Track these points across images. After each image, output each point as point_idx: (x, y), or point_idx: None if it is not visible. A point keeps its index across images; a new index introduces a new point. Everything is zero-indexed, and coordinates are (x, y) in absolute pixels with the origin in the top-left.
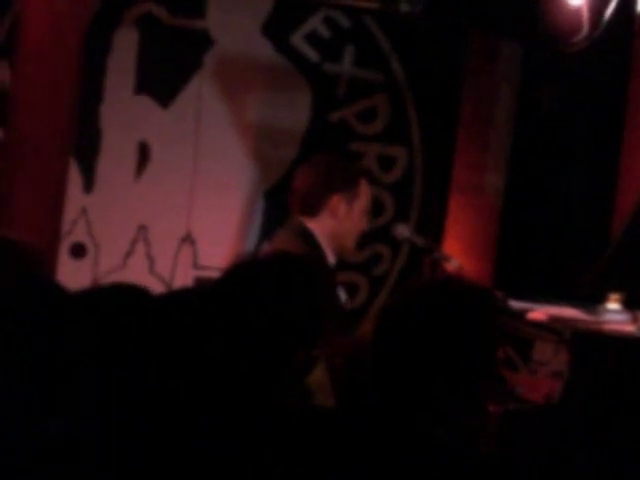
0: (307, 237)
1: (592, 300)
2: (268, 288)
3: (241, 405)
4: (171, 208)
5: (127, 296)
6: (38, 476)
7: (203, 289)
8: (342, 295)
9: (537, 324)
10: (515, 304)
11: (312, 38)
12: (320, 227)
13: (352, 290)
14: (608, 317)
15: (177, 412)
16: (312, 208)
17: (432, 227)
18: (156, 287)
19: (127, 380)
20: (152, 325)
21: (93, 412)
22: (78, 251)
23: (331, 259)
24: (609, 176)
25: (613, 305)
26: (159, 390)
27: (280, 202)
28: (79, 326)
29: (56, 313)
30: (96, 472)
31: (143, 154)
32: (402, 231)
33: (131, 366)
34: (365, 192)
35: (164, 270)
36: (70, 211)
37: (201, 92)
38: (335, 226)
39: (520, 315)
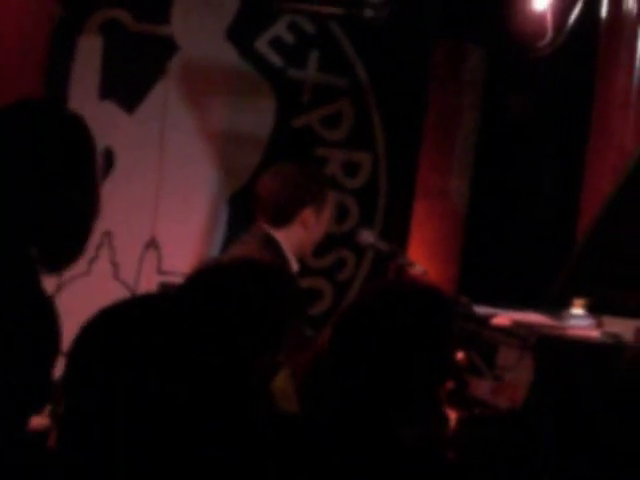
0: (271, 244)
1: (556, 305)
2: (232, 294)
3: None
4: (135, 213)
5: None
6: None
7: (167, 294)
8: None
9: (502, 329)
10: (480, 309)
11: (277, 43)
12: (287, 236)
13: (316, 295)
14: (572, 322)
15: (179, 417)
16: (282, 219)
17: (397, 232)
18: (120, 293)
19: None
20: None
21: (98, 421)
22: None
23: (294, 266)
24: (574, 181)
25: (577, 310)
26: (159, 395)
27: (244, 207)
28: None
29: None
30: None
31: (108, 160)
32: (366, 237)
33: (132, 372)
34: (331, 202)
35: (128, 276)
36: None
37: (166, 98)
38: (303, 236)
39: (485, 320)
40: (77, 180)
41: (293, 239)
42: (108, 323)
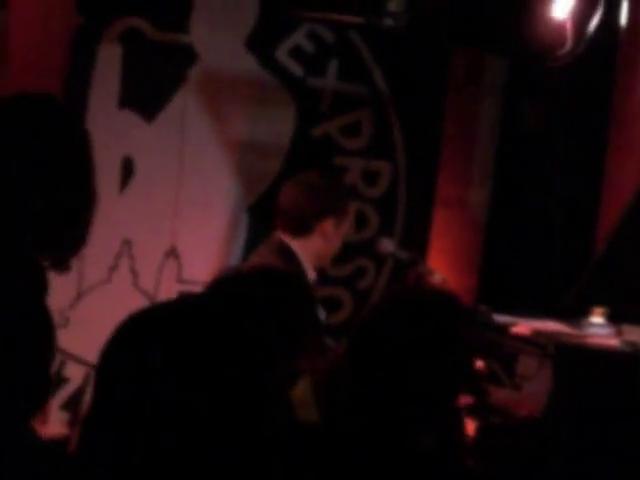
0: (287, 254)
1: (576, 314)
2: (251, 303)
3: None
4: (155, 222)
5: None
6: None
7: (187, 302)
8: (321, 312)
9: (521, 338)
10: (499, 318)
11: (296, 52)
12: (306, 246)
13: (336, 305)
14: (592, 331)
15: (198, 424)
16: (302, 229)
17: (416, 241)
18: (140, 302)
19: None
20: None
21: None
22: None
23: (311, 275)
24: (593, 190)
25: (597, 319)
26: (180, 402)
27: (264, 216)
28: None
29: None
30: None
31: (127, 168)
32: (386, 245)
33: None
34: (351, 213)
35: (148, 284)
36: None
37: (185, 106)
38: (322, 246)
39: (504, 329)
40: (73, 173)
41: (312, 249)
42: (133, 332)
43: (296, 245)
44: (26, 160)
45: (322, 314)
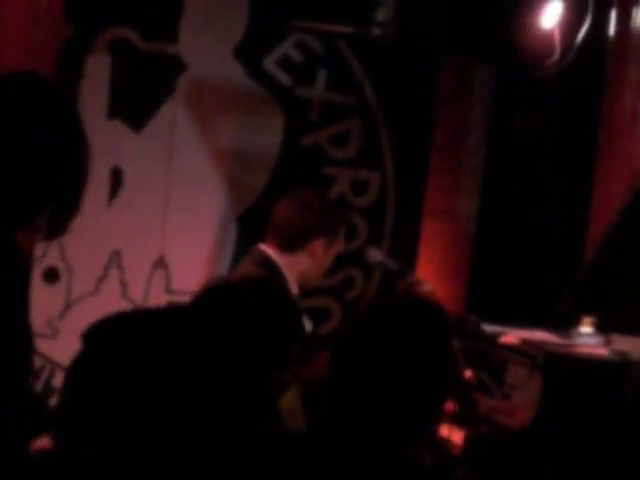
0: (271, 267)
1: (565, 323)
2: (239, 313)
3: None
4: (144, 233)
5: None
6: None
7: (175, 311)
8: (307, 323)
9: (510, 348)
10: (488, 328)
11: (284, 62)
12: (293, 264)
13: (324, 315)
14: (581, 340)
15: (186, 433)
16: (291, 246)
17: (405, 251)
18: None
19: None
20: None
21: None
22: (51, 276)
23: (294, 289)
24: (582, 199)
25: (586, 328)
26: (166, 412)
27: (253, 226)
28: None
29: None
30: None
31: (116, 179)
32: (374, 255)
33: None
34: (342, 236)
35: (137, 295)
36: None
37: (174, 116)
38: (309, 266)
39: (493, 339)
40: (65, 145)
41: (298, 267)
42: (113, 336)
43: (282, 261)
44: (17, 137)
45: (308, 324)
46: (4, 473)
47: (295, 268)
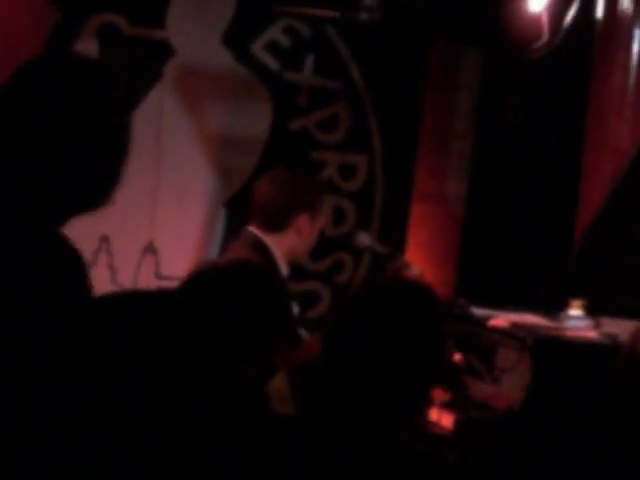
0: (261, 249)
1: (554, 307)
2: (228, 297)
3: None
4: (133, 218)
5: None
6: None
7: (163, 295)
8: (295, 307)
9: (500, 331)
10: (477, 311)
11: (272, 47)
12: (280, 242)
13: (314, 299)
14: (570, 323)
15: (171, 417)
16: (276, 224)
17: (394, 235)
18: None
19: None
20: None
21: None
22: None
23: (284, 271)
24: (571, 183)
25: (575, 311)
26: (152, 393)
27: (242, 211)
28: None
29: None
30: None
31: None
32: (363, 239)
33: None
34: (326, 208)
35: (126, 280)
36: None
37: (162, 102)
38: (297, 243)
39: (482, 322)
40: (106, 123)
41: (286, 245)
42: (99, 319)
43: (270, 240)
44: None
45: (296, 308)
46: None
47: (283, 247)
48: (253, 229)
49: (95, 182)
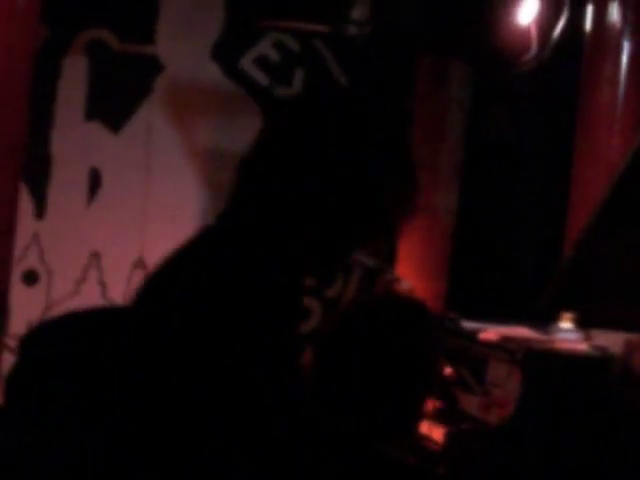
0: None
1: (544, 319)
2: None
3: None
4: (123, 234)
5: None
6: None
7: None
8: None
9: (490, 344)
10: (468, 324)
11: (262, 62)
12: None
13: (304, 313)
14: (560, 336)
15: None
16: None
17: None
18: None
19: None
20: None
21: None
22: (30, 278)
23: None
24: (561, 195)
25: (565, 324)
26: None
27: None
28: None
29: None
30: None
31: (95, 180)
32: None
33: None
34: None
35: (117, 295)
36: (22, 237)
37: (151, 117)
38: None
39: (473, 335)
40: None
41: None
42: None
43: None
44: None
45: None
46: None
47: None
48: None
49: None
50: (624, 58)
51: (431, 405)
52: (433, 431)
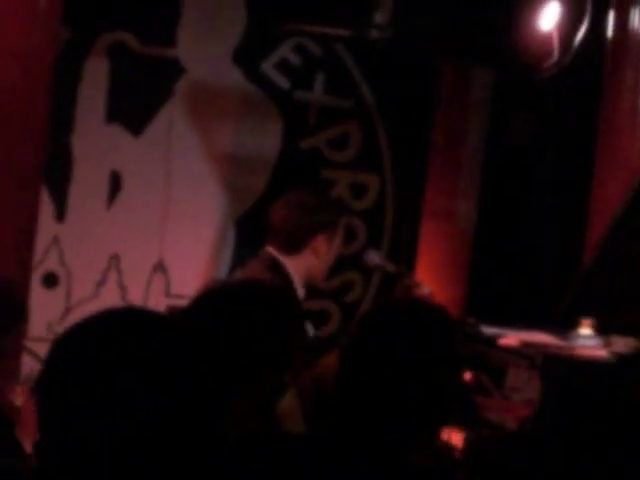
0: (279, 270)
1: (564, 325)
2: (236, 315)
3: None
4: (143, 237)
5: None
6: None
7: (173, 316)
8: (309, 328)
9: (509, 350)
10: (487, 330)
11: (283, 66)
12: (297, 264)
13: (324, 318)
14: (580, 342)
15: (177, 436)
16: (294, 246)
17: (404, 254)
18: None
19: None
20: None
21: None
22: (50, 280)
23: (300, 292)
24: (581, 201)
25: (585, 330)
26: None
27: (252, 229)
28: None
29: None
30: None
31: (115, 183)
32: (373, 257)
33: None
34: (342, 228)
35: (136, 299)
36: (42, 240)
37: (172, 120)
38: (314, 264)
39: (492, 341)
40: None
41: (303, 266)
42: (99, 337)
43: (287, 262)
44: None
45: (310, 330)
46: None
47: (300, 268)
48: (271, 250)
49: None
50: None
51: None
52: (452, 436)
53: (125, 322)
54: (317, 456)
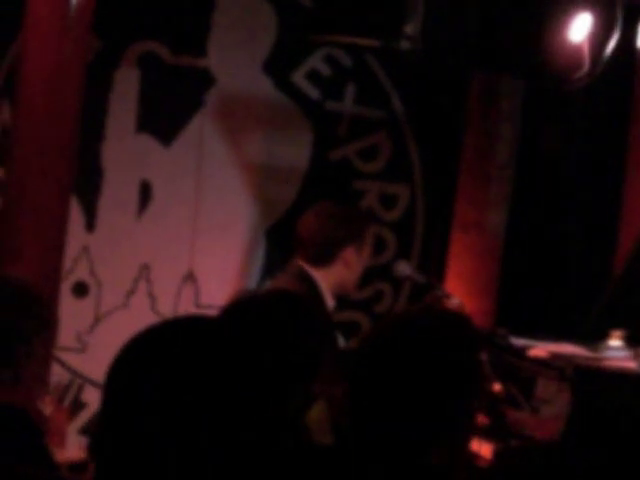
0: (308, 282)
1: (594, 337)
2: (266, 325)
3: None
4: (173, 247)
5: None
6: None
7: (201, 325)
8: (340, 339)
9: (539, 361)
10: (517, 341)
11: (313, 76)
12: (327, 275)
13: (354, 329)
14: (610, 354)
15: (211, 447)
16: (324, 258)
17: (434, 265)
18: None
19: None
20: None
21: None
22: (80, 290)
23: (330, 303)
24: (612, 213)
25: (615, 342)
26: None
27: (282, 240)
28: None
29: None
30: None
31: (145, 193)
32: (403, 268)
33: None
34: (370, 238)
35: (166, 309)
36: (72, 250)
37: (202, 130)
38: (344, 275)
39: (522, 352)
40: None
41: (333, 278)
42: (144, 351)
43: (317, 273)
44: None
45: (341, 341)
46: None
47: (330, 279)
48: (300, 262)
49: None
50: None
51: (480, 421)
52: (482, 447)
53: (187, 334)
54: (343, 468)
